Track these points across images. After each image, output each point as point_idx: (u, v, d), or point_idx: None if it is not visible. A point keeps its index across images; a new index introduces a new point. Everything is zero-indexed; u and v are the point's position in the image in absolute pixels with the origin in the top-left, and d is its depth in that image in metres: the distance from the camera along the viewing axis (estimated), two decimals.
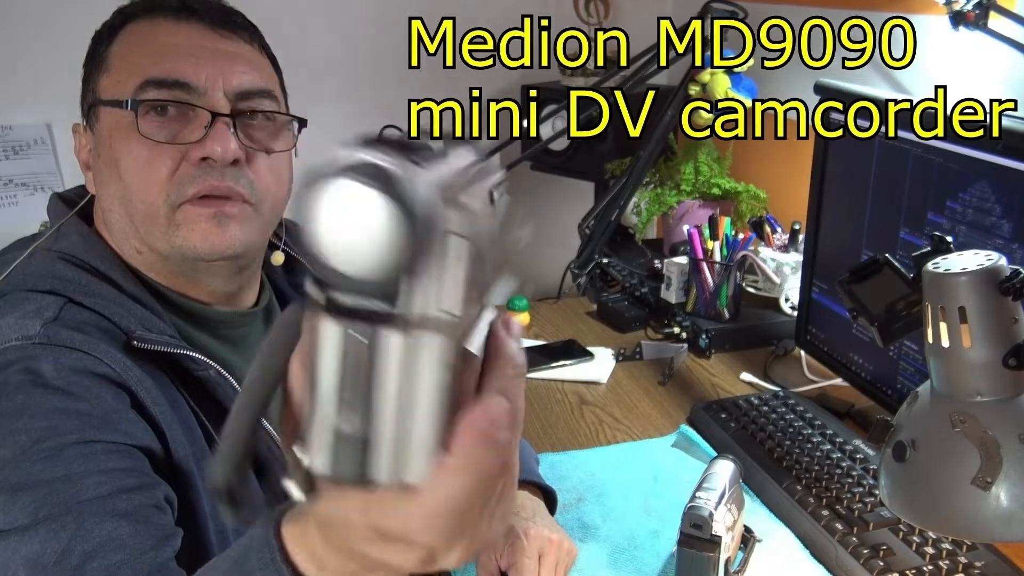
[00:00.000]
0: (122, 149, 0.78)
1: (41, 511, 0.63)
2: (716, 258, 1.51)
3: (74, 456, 0.66)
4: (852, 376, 1.21)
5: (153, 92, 0.77)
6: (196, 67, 0.78)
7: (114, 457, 0.68)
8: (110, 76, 0.80)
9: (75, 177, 0.86)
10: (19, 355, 0.68)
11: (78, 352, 0.70)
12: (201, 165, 0.78)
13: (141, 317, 0.76)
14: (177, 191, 0.78)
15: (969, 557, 0.89)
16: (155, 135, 0.77)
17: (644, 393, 1.37)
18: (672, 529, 0.86)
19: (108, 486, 0.66)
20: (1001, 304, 0.61)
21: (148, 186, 0.77)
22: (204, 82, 0.78)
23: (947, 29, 1.21)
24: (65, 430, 0.66)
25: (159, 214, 0.78)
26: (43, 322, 0.71)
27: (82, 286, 0.76)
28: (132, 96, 0.77)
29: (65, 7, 1.72)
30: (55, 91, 1.79)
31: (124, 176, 0.78)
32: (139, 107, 0.77)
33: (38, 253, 0.78)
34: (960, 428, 0.61)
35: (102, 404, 0.69)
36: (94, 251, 0.80)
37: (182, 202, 0.78)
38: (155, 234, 0.79)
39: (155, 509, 0.68)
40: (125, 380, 0.71)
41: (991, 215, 0.95)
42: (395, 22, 1.99)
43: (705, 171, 1.74)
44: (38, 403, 0.67)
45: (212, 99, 0.79)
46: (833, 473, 1.04)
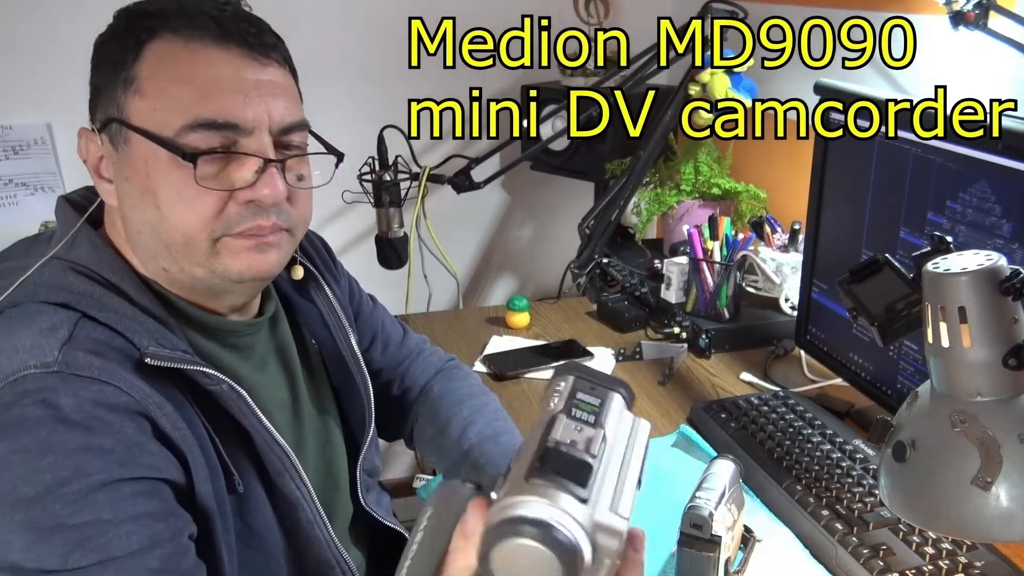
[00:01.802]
0: (163, 183, 0.76)
1: (71, 556, 0.65)
2: (716, 258, 1.51)
3: (102, 500, 0.67)
4: (852, 376, 1.21)
5: (202, 133, 0.75)
6: (244, 105, 0.76)
7: (141, 500, 0.69)
8: (144, 101, 0.75)
9: (75, 177, 0.85)
10: (37, 385, 0.67)
11: (98, 383, 0.69)
12: (248, 206, 0.78)
13: (154, 332, 0.76)
14: (223, 228, 0.77)
15: (969, 557, 0.89)
16: (208, 182, 0.76)
17: (644, 393, 1.37)
18: (672, 529, 0.86)
19: (138, 536, 0.67)
20: (1001, 304, 0.61)
21: (191, 222, 0.76)
22: (252, 122, 0.76)
23: (947, 29, 1.21)
24: (90, 470, 0.67)
25: (200, 246, 0.77)
26: (60, 344, 0.70)
27: (95, 300, 0.75)
28: (176, 136, 0.74)
29: (65, 8, 1.72)
30: (55, 91, 1.79)
31: (163, 207, 0.76)
32: (196, 160, 0.74)
33: (50, 262, 0.77)
34: (960, 428, 0.62)
35: (124, 438, 0.69)
36: (105, 262, 0.78)
37: (225, 235, 0.78)
38: (193, 260, 0.78)
39: (183, 555, 0.71)
40: (145, 408, 0.71)
41: (991, 215, 0.95)
42: (395, 22, 1.99)
43: (705, 171, 1.74)
44: (61, 440, 0.66)
45: (260, 140, 0.77)
46: (833, 473, 1.04)
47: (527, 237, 2.31)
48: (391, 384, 1.12)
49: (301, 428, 0.93)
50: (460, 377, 1.13)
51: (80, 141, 0.81)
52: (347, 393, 1.01)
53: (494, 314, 1.71)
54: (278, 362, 0.93)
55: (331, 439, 0.99)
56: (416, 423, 1.11)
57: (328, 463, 0.98)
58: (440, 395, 1.10)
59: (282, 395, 0.92)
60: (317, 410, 0.98)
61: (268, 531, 0.83)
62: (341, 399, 1.02)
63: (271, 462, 0.82)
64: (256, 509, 0.82)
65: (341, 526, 0.99)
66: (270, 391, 0.89)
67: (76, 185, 0.89)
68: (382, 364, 1.12)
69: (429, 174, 1.69)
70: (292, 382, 0.94)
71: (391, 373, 1.12)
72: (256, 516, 0.82)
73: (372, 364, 1.10)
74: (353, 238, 2.08)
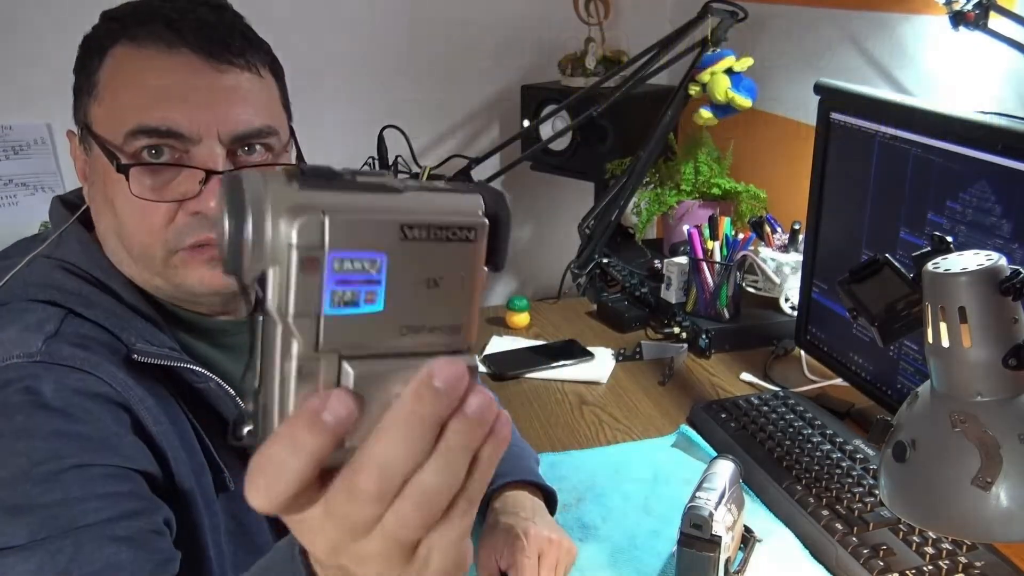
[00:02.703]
0: (116, 191, 0.75)
1: (39, 533, 0.64)
2: (716, 258, 1.51)
3: (72, 480, 0.66)
4: (852, 376, 1.21)
5: (144, 140, 0.73)
6: (189, 113, 0.74)
7: (112, 481, 0.68)
8: (100, 107, 0.76)
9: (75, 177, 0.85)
10: (20, 373, 0.68)
11: (80, 372, 0.69)
12: (196, 216, 0.76)
13: (141, 329, 0.76)
14: (174, 239, 0.76)
15: (969, 557, 0.89)
16: (147, 193, 0.74)
17: (644, 393, 1.37)
18: (672, 529, 0.86)
19: (107, 511, 0.66)
20: (1001, 304, 0.61)
21: (143, 232, 0.76)
22: (198, 131, 0.74)
23: (947, 29, 1.21)
24: (64, 453, 0.66)
25: (156, 256, 0.77)
26: (45, 337, 0.70)
27: (82, 297, 0.75)
28: (123, 143, 0.74)
29: (65, 8, 1.72)
30: (55, 91, 1.78)
31: (119, 216, 0.76)
32: (128, 171, 0.73)
33: (38, 260, 0.78)
34: (960, 428, 0.61)
35: (102, 427, 0.69)
36: (94, 260, 0.79)
37: (178, 249, 0.77)
38: (152, 270, 0.78)
39: (154, 534, 0.68)
40: (126, 400, 0.71)
41: (991, 215, 0.95)
42: (395, 22, 1.99)
43: (705, 171, 1.74)
44: (38, 425, 0.66)
45: (207, 150, 0.75)
46: (833, 473, 1.04)
47: (527, 237, 2.31)
48: None
49: None
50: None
51: (71, 143, 0.82)
52: None
53: (494, 314, 1.71)
54: None
55: None
56: None
57: None
58: None
59: None
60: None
61: (259, 529, 0.83)
62: None
63: None
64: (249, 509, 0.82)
65: None
66: None
67: (76, 185, 0.89)
68: None
69: (429, 174, 1.69)
70: None
71: None
72: (250, 514, 0.82)
73: None
74: None
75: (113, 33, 0.76)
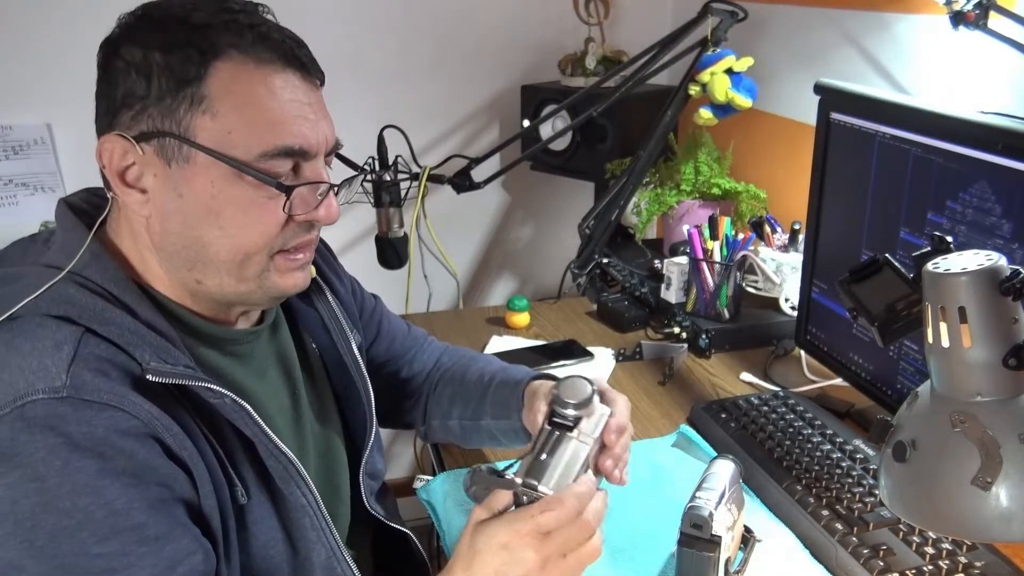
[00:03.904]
0: (231, 202, 0.76)
1: None
2: (716, 258, 1.51)
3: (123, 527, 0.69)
4: (852, 376, 1.21)
5: (283, 159, 0.76)
6: (314, 131, 0.78)
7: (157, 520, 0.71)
8: (217, 122, 0.74)
9: (75, 178, 0.84)
10: (47, 411, 0.67)
11: (108, 410, 0.69)
12: (304, 224, 0.81)
13: (156, 346, 0.75)
14: (280, 243, 0.80)
15: (969, 557, 0.89)
16: (296, 210, 0.78)
17: (644, 393, 1.37)
18: (672, 529, 0.86)
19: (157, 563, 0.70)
20: (1001, 304, 0.61)
21: (256, 241, 0.78)
22: (316, 147, 0.78)
23: (947, 29, 1.21)
24: (110, 496, 0.68)
25: (259, 263, 0.79)
26: (66, 363, 0.69)
27: (96, 313, 0.74)
28: (255, 161, 0.75)
29: (65, 8, 1.72)
30: (55, 91, 1.79)
31: (227, 226, 0.77)
32: (291, 191, 0.76)
33: (49, 272, 0.76)
34: (960, 428, 0.62)
35: (137, 461, 0.70)
36: (107, 274, 0.77)
37: (280, 251, 0.80)
38: (245, 275, 0.79)
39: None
40: (153, 430, 0.71)
41: (991, 215, 0.95)
42: (395, 22, 1.99)
43: (705, 171, 1.74)
44: (76, 468, 0.67)
45: (319, 163, 0.80)
46: (833, 473, 1.04)
47: (527, 237, 2.31)
48: (399, 370, 1.14)
49: (302, 432, 0.93)
50: (465, 350, 1.19)
51: (104, 146, 0.76)
52: (348, 397, 1.01)
53: (494, 314, 1.71)
54: (278, 367, 0.93)
55: (332, 443, 0.99)
56: (432, 392, 1.13)
57: (329, 467, 0.98)
58: (452, 360, 1.15)
59: (283, 400, 0.92)
60: (317, 414, 0.98)
61: (272, 540, 0.83)
62: (342, 403, 1.02)
63: (275, 469, 0.81)
64: (261, 519, 0.82)
65: (343, 529, 0.99)
66: (271, 397, 0.89)
67: (76, 185, 0.88)
68: (390, 355, 1.14)
69: (429, 174, 1.70)
70: (292, 387, 0.94)
71: (399, 361, 1.15)
72: (261, 525, 0.82)
73: (380, 357, 1.12)
74: (353, 238, 2.08)
75: (214, 44, 0.74)
